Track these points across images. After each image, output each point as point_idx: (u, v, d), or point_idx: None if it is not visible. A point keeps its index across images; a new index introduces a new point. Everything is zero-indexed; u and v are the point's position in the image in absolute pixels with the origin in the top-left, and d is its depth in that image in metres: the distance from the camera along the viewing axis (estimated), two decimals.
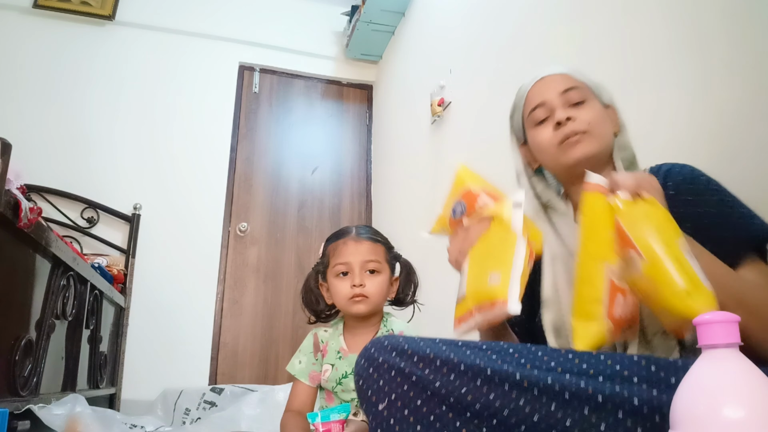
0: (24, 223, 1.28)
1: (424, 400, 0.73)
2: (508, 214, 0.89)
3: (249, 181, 3.38)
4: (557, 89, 0.99)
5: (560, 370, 0.68)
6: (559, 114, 0.96)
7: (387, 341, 0.81)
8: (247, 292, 3.22)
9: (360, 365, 0.82)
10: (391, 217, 3.21)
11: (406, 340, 0.80)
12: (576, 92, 0.98)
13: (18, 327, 1.40)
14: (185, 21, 3.41)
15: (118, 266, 2.77)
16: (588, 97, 0.98)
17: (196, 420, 2.44)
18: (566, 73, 1.01)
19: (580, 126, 0.95)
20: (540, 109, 1.00)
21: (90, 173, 3.03)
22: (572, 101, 0.98)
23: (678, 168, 0.92)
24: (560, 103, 0.98)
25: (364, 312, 1.29)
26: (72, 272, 1.75)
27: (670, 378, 0.64)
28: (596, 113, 0.97)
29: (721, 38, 1.14)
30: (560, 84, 0.99)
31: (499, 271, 0.83)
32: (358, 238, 1.32)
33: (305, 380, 1.33)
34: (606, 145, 0.97)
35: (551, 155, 0.99)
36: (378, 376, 0.78)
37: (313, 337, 1.37)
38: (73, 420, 1.50)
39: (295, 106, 3.61)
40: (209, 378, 3.01)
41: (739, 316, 0.49)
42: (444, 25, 2.67)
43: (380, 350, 0.80)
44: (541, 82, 1.02)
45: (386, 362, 0.78)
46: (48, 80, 3.09)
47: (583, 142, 0.95)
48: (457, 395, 0.71)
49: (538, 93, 1.01)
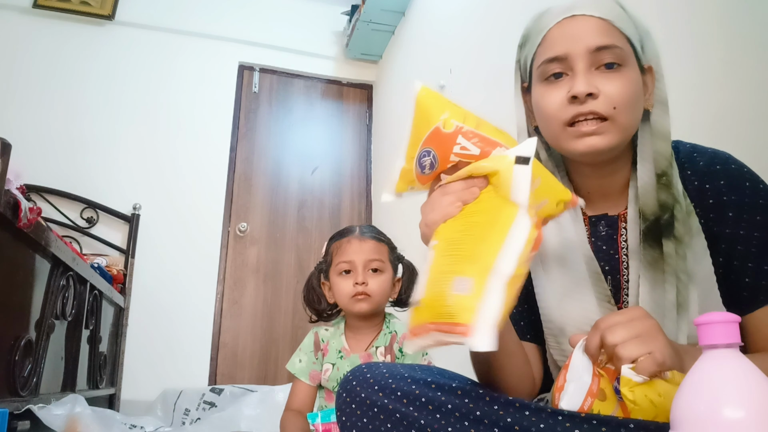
0: (23, 223, 1.28)
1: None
2: (506, 174, 0.59)
3: (249, 181, 3.38)
4: (589, 43, 0.73)
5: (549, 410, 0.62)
6: (580, 85, 0.72)
7: (369, 373, 0.75)
8: (246, 292, 3.22)
9: (341, 399, 0.77)
10: (391, 217, 3.20)
11: (389, 373, 0.74)
12: (612, 53, 0.73)
13: (18, 327, 1.40)
14: (185, 21, 3.41)
15: (117, 266, 2.76)
16: (625, 62, 0.74)
17: (196, 420, 2.44)
18: (608, 20, 0.74)
19: (603, 108, 0.72)
20: (557, 63, 0.75)
21: (89, 173, 3.03)
22: (603, 62, 0.73)
23: (700, 152, 0.79)
24: (587, 63, 0.73)
25: (366, 310, 1.28)
26: (71, 272, 1.75)
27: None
28: (630, 89, 0.73)
29: (720, 38, 1.14)
30: (596, 36, 0.73)
31: (473, 274, 0.57)
32: (362, 236, 1.32)
33: (305, 379, 1.33)
34: (629, 135, 0.76)
35: (553, 131, 0.77)
36: (361, 414, 0.74)
37: (314, 336, 1.37)
38: (73, 420, 1.50)
39: (295, 105, 3.61)
40: (209, 378, 3.01)
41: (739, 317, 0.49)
42: (444, 25, 2.67)
43: (362, 384, 0.74)
44: (571, 23, 0.75)
45: (368, 398, 0.73)
46: (48, 80, 3.09)
47: (599, 133, 0.73)
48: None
49: (562, 39, 0.75)
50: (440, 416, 0.66)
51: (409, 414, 0.69)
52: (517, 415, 0.62)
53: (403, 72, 3.21)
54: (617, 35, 0.74)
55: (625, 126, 0.74)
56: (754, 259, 0.71)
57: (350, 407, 0.74)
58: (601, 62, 0.73)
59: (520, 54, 0.84)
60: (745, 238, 0.71)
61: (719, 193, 0.74)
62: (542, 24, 0.79)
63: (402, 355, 1.28)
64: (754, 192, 0.73)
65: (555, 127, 0.76)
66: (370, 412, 0.72)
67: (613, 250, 0.81)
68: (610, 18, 0.75)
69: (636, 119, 0.76)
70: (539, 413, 0.61)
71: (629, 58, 0.75)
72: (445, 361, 1.94)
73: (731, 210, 0.72)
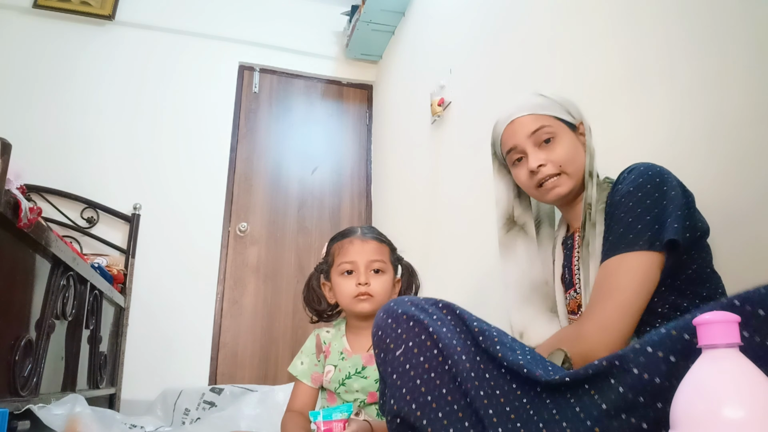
0: (24, 223, 1.28)
1: (440, 349, 0.79)
2: None
3: (249, 181, 3.38)
4: (525, 132, 1.08)
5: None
6: (531, 162, 1.07)
7: (408, 299, 0.88)
8: (246, 292, 3.22)
9: (380, 317, 0.87)
10: (391, 217, 3.21)
11: (426, 300, 0.86)
12: (544, 131, 1.07)
13: (18, 327, 1.40)
14: (185, 21, 3.41)
15: (117, 266, 2.76)
16: (557, 131, 1.07)
17: (196, 420, 2.44)
18: (532, 114, 1.09)
19: (553, 169, 1.06)
20: (514, 152, 1.11)
21: (90, 173, 3.03)
22: (541, 140, 1.07)
23: (636, 166, 0.98)
24: (530, 144, 1.08)
25: (368, 311, 1.28)
26: (72, 272, 1.75)
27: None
28: (567, 148, 1.06)
29: (719, 39, 1.14)
30: (528, 126, 1.08)
31: None
32: (365, 237, 1.32)
33: (307, 381, 1.33)
34: (580, 177, 1.07)
35: (531, 193, 1.13)
36: (396, 326, 0.84)
37: (316, 338, 1.37)
38: (73, 420, 1.50)
39: (295, 106, 3.61)
40: (209, 378, 3.01)
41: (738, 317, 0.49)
42: (444, 25, 2.67)
43: (401, 304, 0.86)
44: (511, 126, 1.11)
45: (405, 313, 0.84)
46: (48, 80, 3.09)
47: (558, 185, 1.06)
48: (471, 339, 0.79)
49: (510, 136, 1.12)
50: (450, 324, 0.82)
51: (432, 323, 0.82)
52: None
53: (403, 72, 3.21)
54: (544, 118, 1.09)
55: (573, 173, 1.07)
56: (613, 228, 0.96)
57: (386, 322, 0.85)
58: (540, 140, 1.08)
59: (493, 148, 1.21)
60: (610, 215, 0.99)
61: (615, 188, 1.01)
62: (497, 132, 1.16)
63: None
64: (630, 181, 0.97)
65: (530, 190, 1.13)
66: (405, 324, 0.83)
67: (570, 253, 1.14)
68: (533, 111, 1.10)
69: (580, 165, 1.08)
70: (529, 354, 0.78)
71: (559, 128, 1.08)
72: None
73: (617, 196, 0.99)
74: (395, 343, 0.83)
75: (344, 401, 1.29)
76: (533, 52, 1.87)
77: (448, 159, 2.46)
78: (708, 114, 1.15)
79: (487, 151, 1.25)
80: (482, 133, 2.19)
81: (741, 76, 1.08)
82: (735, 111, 1.09)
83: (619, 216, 0.94)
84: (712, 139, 1.13)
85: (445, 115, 2.52)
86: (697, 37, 1.21)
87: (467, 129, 2.31)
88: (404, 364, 0.80)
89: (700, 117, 1.17)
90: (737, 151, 1.07)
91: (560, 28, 1.75)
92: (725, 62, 1.12)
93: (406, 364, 0.80)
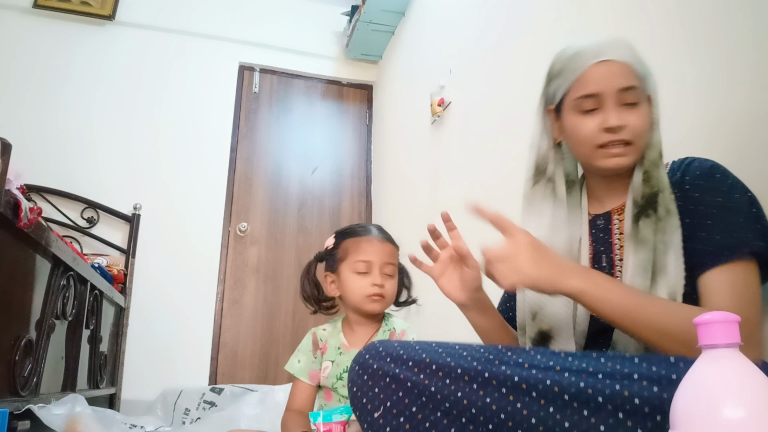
0: (24, 223, 1.28)
1: (419, 407, 0.74)
2: None
3: (249, 181, 3.38)
4: (617, 84, 0.90)
5: (558, 368, 0.68)
6: (613, 119, 0.89)
7: (382, 347, 0.81)
8: (247, 292, 3.22)
9: (354, 371, 0.81)
10: (391, 217, 3.20)
11: (401, 346, 0.79)
12: (633, 93, 0.90)
13: (18, 327, 1.40)
14: (185, 21, 3.41)
15: (118, 266, 2.76)
16: (641, 99, 0.92)
17: (196, 420, 2.44)
18: (630, 64, 0.92)
19: (628, 136, 0.90)
20: (592, 100, 0.91)
21: (90, 173, 3.03)
22: (627, 101, 0.90)
23: (698, 162, 0.91)
24: (615, 101, 0.90)
25: (379, 311, 1.32)
26: (72, 272, 1.75)
27: (671, 375, 0.63)
28: (644, 121, 0.92)
29: (723, 37, 1.14)
30: (622, 78, 0.90)
31: None
32: (383, 239, 1.35)
33: (305, 379, 1.34)
34: (643, 149, 0.94)
35: (585, 152, 0.94)
36: (373, 384, 0.79)
37: (312, 336, 1.38)
38: (74, 420, 1.50)
39: (295, 106, 3.61)
40: (209, 378, 3.01)
41: (738, 316, 0.49)
42: (444, 25, 2.67)
43: (375, 357, 0.80)
44: (603, 67, 0.91)
45: (381, 369, 0.78)
46: (48, 80, 3.09)
47: (625, 155, 0.91)
48: (452, 400, 0.71)
49: (596, 80, 0.91)
50: (450, 381, 0.72)
51: (420, 382, 0.74)
52: (524, 373, 0.68)
53: (403, 72, 3.21)
54: (635, 78, 0.91)
55: (641, 149, 0.93)
56: (707, 229, 0.85)
57: (362, 379, 0.80)
58: (625, 100, 0.90)
59: (551, 83, 0.99)
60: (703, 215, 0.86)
61: (693, 182, 0.90)
62: (577, 64, 0.93)
63: None
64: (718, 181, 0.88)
65: (588, 148, 0.93)
66: (381, 381, 0.77)
67: (608, 236, 0.99)
68: (632, 63, 0.92)
69: (646, 141, 0.93)
70: (546, 371, 0.67)
71: (643, 96, 0.92)
72: None
73: (698, 194, 0.89)
74: (372, 403, 0.78)
75: (342, 396, 1.30)
76: (534, 51, 1.87)
77: (448, 159, 2.46)
78: (708, 114, 1.15)
79: (487, 151, 1.25)
80: (482, 134, 2.19)
81: (742, 77, 1.08)
82: (735, 111, 1.09)
83: (723, 216, 0.84)
84: (711, 140, 1.13)
85: (445, 116, 2.52)
86: (698, 38, 1.20)
87: (467, 129, 2.31)
88: (384, 427, 0.76)
89: (701, 117, 1.17)
90: (737, 152, 1.07)
91: (561, 27, 1.74)
92: (727, 62, 1.12)
93: (386, 427, 0.76)
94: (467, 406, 0.70)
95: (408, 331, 1.35)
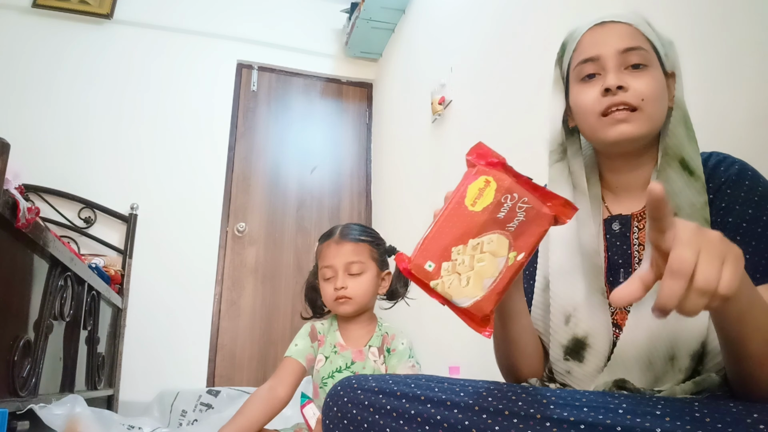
0: (22, 223, 1.27)
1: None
2: None
3: (247, 181, 3.36)
4: (617, 45, 0.82)
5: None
6: (611, 79, 0.80)
7: (359, 388, 0.77)
8: (245, 293, 3.20)
9: (333, 413, 0.78)
10: (391, 216, 3.19)
11: (379, 386, 0.75)
12: (638, 54, 0.81)
13: (16, 327, 1.38)
14: (183, 19, 3.39)
15: (115, 267, 2.74)
16: (650, 63, 0.82)
17: (193, 422, 2.43)
18: (633, 25, 0.83)
19: (632, 99, 0.80)
20: (591, 64, 0.84)
21: (87, 173, 3.01)
22: (631, 62, 0.81)
23: (731, 161, 0.83)
24: (616, 63, 0.82)
25: (349, 312, 1.33)
26: (69, 272, 1.74)
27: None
28: (655, 86, 0.81)
29: (726, 36, 1.14)
30: (623, 39, 0.82)
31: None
32: (340, 240, 1.35)
33: (301, 360, 1.34)
34: (656, 127, 0.83)
35: (589, 123, 0.85)
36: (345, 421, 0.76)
37: (311, 326, 1.41)
38: (74, 420, 1.49)
39: (294, 104, 3.59)
40: (207, 380, 2.99)
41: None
42: (444, 23, 2.66)
43: (353, 401, 0.76)
44: (601, 29, 0.85)
45: (359, 415, 0.75)
46: (46, 80, 3.07)
47: (629, 121, 0.80)
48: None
49: (594, 43, 0.84)
50: (429, 428, 0.68)
51: (399, 429, 0.70)
52: (505, 423, 0.63)
53: (404, 70, 3.19)
54: (642, 39, 0.83)
55: (652, 116, 0.81)
56: (756, 239, 0.75)
57: (342, 423, 0.76)
58: (628, 63, 0.82)
59: (560, 64, 0.92)
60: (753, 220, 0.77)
61: (731, 185, 0.81)
62: (576, 33, 0.88)
63: (389, 355, 1.33)
64: (759, 183, 0.80)
65: (591, 118, 0.84)
66: (360, 428, 0.74)
67: (626, 246, 0.87)
68: (635, 23, 0.84)
69: (661, 112, 0.82)
70: (527, 420, 0.62)
71: (653, 60, 0.83)
72: (431, 361, 1.92)
73: (738, 198, 0.79)
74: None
75: None
76: (534, 50, 1.86)
77: (448, 158, 2.45)
78: (709, 114, 1.14)
79: None
80: (483, 132, 2.18)
81: (744, 77, 1.08)
82: (737, 111, 1.08)
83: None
84: (717, 141, 1.13)
85: (445, 114, 2.51)
86: (700, 38, 1.20)
87: (468, 128, 2.30)
88: None
89: (701, 117, 1.16)
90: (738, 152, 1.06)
91: (561, 26, 1.73)
92: (728, 63, 1.12)
93: None
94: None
95: (398, 336, 1.35)
